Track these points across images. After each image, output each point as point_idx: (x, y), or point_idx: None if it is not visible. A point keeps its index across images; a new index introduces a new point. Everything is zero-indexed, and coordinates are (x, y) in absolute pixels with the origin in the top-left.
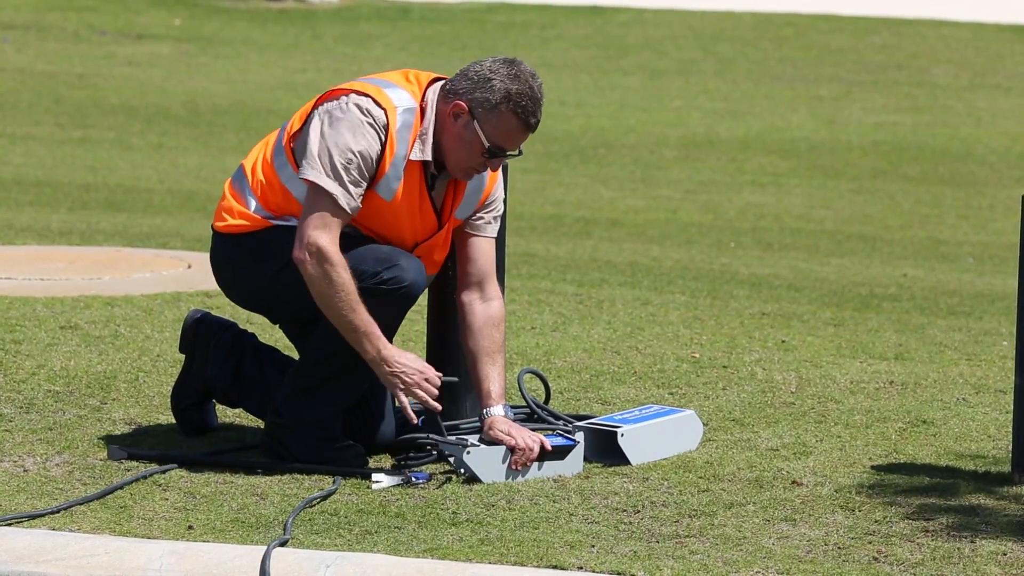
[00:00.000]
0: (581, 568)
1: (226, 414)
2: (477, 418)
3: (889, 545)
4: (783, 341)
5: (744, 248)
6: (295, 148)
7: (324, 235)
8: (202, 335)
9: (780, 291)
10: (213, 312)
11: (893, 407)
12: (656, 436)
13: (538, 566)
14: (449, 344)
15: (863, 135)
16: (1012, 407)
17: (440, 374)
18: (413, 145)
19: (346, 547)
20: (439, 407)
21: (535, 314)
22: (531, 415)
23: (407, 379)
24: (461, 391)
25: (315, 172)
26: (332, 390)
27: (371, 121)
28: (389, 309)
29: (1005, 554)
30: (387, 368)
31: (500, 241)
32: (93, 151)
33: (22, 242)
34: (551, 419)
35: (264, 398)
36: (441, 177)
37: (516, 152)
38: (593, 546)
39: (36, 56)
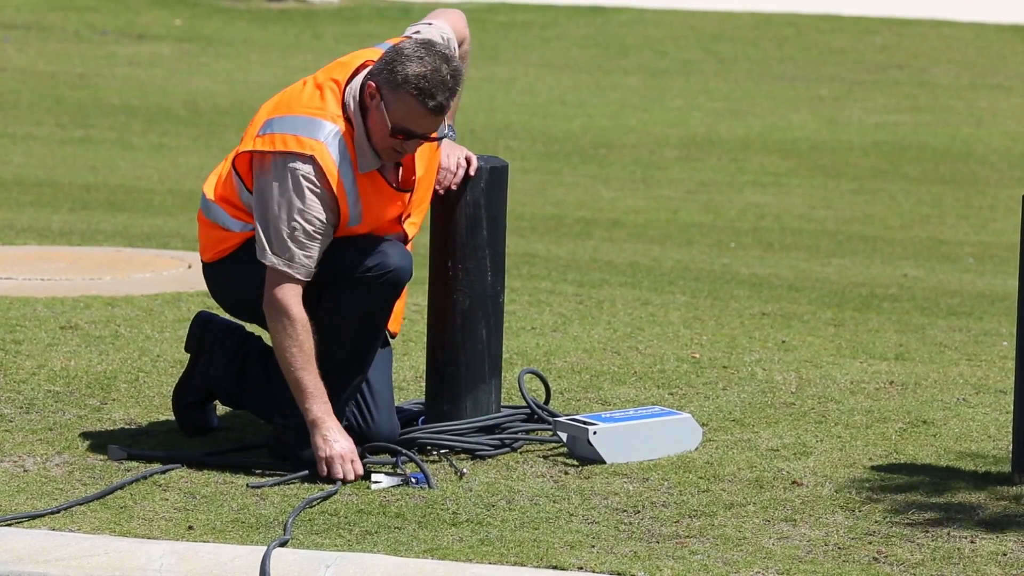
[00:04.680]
0: (581, 568)
1: (227, 415)
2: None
3: (889, 545)
4: (783, 341)
5: (745, 248)
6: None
7: (282, 291)
8: (208, 336)
9: (780, 291)
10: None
11: (893, 407)
12: (637, 437)
13: (538, 566)
14: (450, 345)
15: (864, 135)
16: (1012, 407)
17: (361, 470)
18: (356, 162)
19: (346, 547)
20: (347, 480)
21: (535, 314)
22: (531, 415)
23: (331, 451)
24: (461, 391)
25: (265, 253)
26: (346, 378)
27: (309, 185)
28: (378, 296)
29: (1005, 554)
30: (320, 433)
31: (500, 241)
32: (94, 151)
33: (23, 242)
34: (550, 419)
35: (268, 400)
36: None
37: (431, 136)
38: (593, 546)
39: (37, 56)
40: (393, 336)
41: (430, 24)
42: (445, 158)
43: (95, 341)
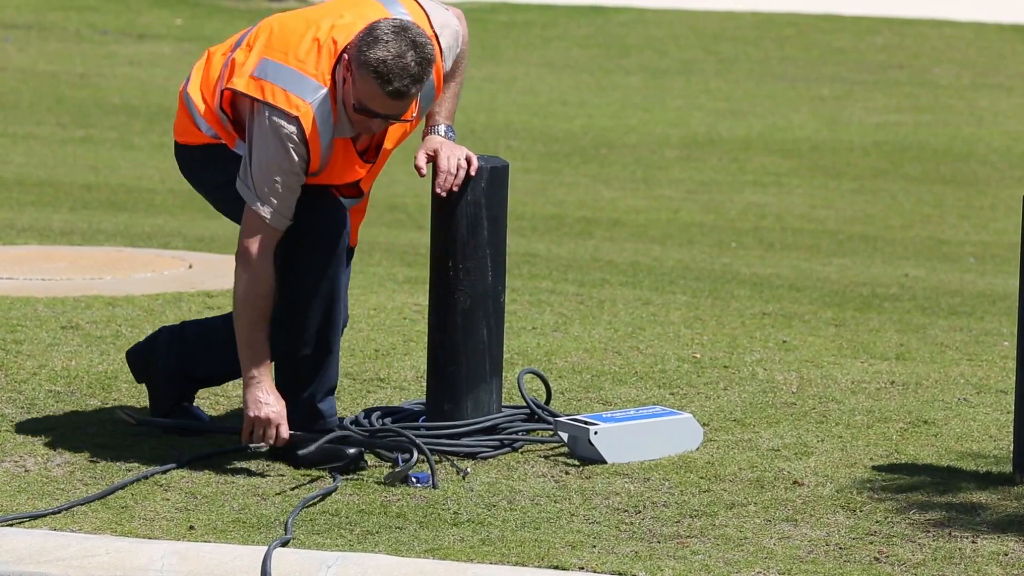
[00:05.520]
0: (582, 568)
1: (226, 415)
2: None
3: (890, 545)
4: (784, 341)
5: (745, 248)
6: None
7: (254, 243)
8: (144, 350)
9: (781, 291)
10: (210, 312)
11: (894, 407)
12: (638, 437)
13: (539, 566)
14: (450, 344)
15: (865, 135)
16: (1013, 407)
17: (287, 435)
18: (337, 125)
19: (347, 547)
20: (263, 447)
21: (536, 314)
22: (531, 415)
23: (259, 413)
24: (462, 391)
25: (253, 198)
26: (315, 360)
27: (291, 144)
28: (325, 252)
29: (1007, 554)
30: (251, 393)
31: (501, 240)
32: (95, 151)
33: (23, 242)
34: (551, 419)
35: (215, 350)
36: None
37: (395, 117)
38: (594, 546)
39: (38, 56)
40: (352, 247)
41: (446, 9)
42: (445, 160)
43: (96, 341)
